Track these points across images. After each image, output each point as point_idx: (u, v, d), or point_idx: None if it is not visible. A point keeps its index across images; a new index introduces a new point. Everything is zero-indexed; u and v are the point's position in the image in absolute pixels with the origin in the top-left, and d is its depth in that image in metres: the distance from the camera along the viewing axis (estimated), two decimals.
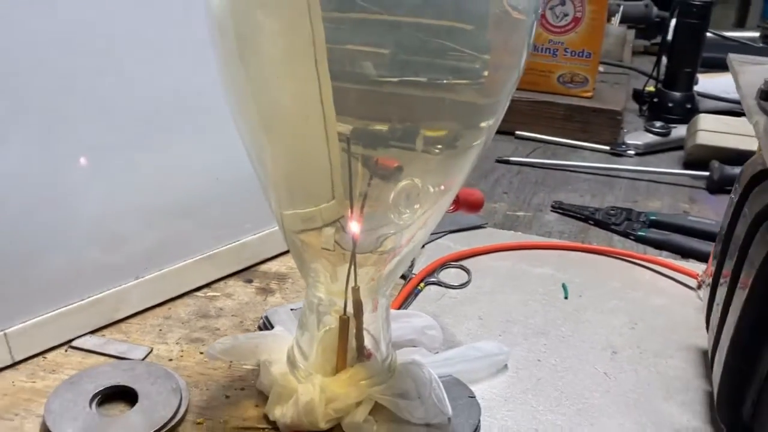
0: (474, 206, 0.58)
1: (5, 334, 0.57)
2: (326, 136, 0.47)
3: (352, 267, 0.50)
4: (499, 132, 1.30)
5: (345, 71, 0.42)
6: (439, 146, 0.48)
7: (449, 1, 0.41)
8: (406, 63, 0.42)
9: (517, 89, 1.05)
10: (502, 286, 0.71)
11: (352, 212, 0.48)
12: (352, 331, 0.52)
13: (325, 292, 0.52)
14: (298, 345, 0.54)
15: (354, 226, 0.48)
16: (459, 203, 0.58)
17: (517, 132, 1.14)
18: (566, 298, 0.69)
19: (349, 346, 0.53)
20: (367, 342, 0.53)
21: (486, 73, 0.46)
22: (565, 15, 1.09)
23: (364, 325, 0.52)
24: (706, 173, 0.99)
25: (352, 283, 0.50)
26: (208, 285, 0.69)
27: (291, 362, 0.54)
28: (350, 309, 0.51)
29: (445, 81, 0.44)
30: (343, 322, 0.52)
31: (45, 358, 0.58)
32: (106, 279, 0.62)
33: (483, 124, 0.47)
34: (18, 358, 0.57)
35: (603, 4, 1.07)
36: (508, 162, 1.05)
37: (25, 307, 0.58)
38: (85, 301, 0.61)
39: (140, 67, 0.59)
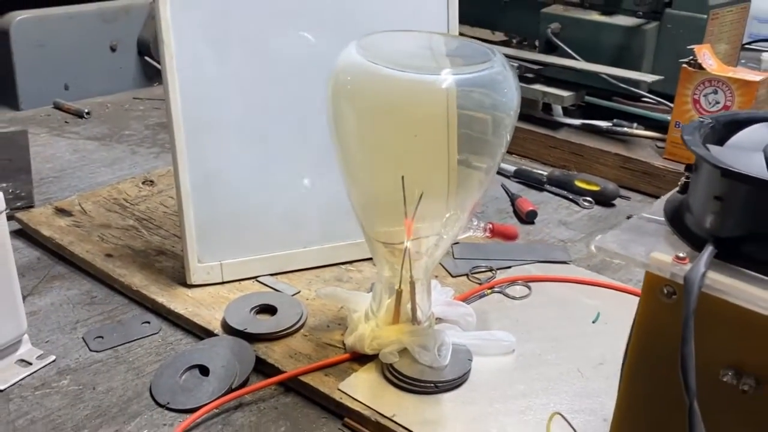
0: (507, 236, 0.84)
1: (221, 264, 0.96)
2: (447, 181, 0.78)
3: (407, 260, 0.80)
4: (649, 194, 1.50)
5: None
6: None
7: None
8: None
9: (673, 161, 1.41)
10: (549, 305, 0.95)
11: (408, 226, 0.79)
12: (406, 297, 0.82)
13: (389, 272, 0.83)
14: (371, 304, 0.85)
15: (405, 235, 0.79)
16: (495, 233, 0.84)
17: (661, 197, 1.32)
18: (594, 322, 0.91)
19: (403, 310, 0.83)
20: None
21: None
22: (717, 102, 1.24)
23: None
24: None
25: (406, 271, 0.81)
26: (350, 262, 1.03)
27: (366, 313, 0.86)
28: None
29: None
30: (398, 293, 0.82)
31: (240, 283, 0.97)
32: (287, 244, 1.00)
33: None
34: (226, 279, 0.97)
35: (750, 96, 1.21)
36: None
37: (236, 251, 0.97)
38: (271, 255, 0.99)
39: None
